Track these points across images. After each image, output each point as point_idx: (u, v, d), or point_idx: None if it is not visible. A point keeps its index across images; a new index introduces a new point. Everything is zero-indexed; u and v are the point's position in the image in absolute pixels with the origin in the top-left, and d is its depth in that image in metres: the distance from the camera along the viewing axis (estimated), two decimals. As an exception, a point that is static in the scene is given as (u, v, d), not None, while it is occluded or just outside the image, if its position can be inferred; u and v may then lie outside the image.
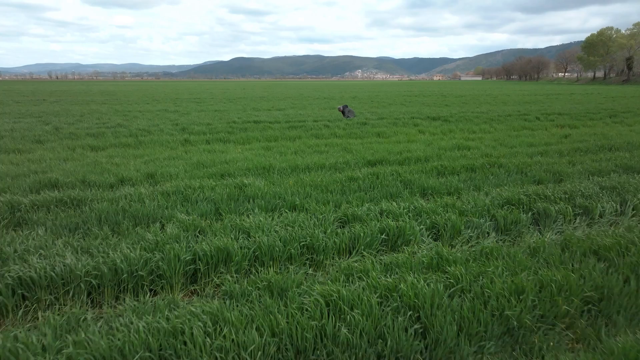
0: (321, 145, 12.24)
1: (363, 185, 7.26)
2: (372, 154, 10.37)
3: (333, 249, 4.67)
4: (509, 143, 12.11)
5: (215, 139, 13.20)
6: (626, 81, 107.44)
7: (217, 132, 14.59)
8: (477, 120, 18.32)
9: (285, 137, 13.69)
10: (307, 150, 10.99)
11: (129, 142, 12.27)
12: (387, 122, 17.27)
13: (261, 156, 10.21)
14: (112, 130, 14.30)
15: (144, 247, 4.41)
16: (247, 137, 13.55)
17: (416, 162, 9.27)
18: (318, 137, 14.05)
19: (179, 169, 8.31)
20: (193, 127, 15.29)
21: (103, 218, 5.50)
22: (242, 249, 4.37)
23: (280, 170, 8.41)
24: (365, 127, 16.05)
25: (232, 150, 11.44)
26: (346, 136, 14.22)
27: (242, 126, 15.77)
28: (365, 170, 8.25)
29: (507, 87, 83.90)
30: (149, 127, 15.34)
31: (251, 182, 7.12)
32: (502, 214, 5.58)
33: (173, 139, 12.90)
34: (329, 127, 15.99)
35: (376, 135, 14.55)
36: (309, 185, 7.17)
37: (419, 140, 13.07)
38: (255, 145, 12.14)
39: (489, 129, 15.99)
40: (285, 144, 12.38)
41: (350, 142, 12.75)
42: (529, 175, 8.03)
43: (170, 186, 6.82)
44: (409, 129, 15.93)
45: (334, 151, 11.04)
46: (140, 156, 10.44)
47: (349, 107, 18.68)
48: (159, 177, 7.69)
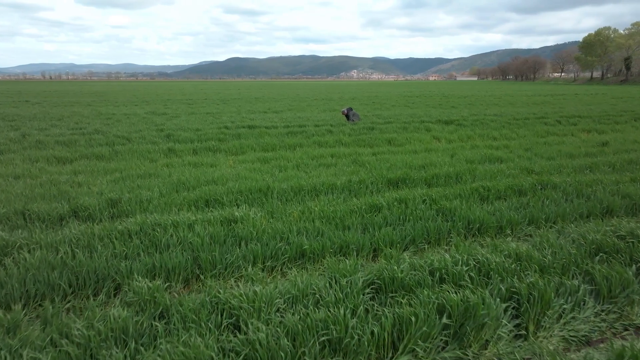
0: (326, 155, 10.55)
1: (390, 217, 5.57)
2: (389, 168, 8.68)
3: (370, 346, 2.97)
4: (544, 153, 10.45)
5: (203, 148, 11.46)
6: (624, 81, 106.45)
7: (206, 139, 12.85)
8: (494, 124, 16.68)
9: (285, 146, 11.98)
10: (311, 164, 9.28)
11: (103, 153, 10.51)
12: (397, 127, 15.59)
13: (257, 172, 8.49)
14: (86, 138, 12.53)
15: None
16: (240, 146, 11.82)
17: (447, 181, 7.58)
18: (322, 145, 12.35)
19: (153, 193, 6.58)
20: (180, 133, 13.53)
21: (28, 281, 3.78)
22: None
23: (280, 193, 6.70)
24: (373, 133, 14.36)
25: (222, 163, 9.72)
26: (354, 144, 12.52)
27: (236, 132, 14.04)
28: (389, 194, 6.54)
29: (507, 87, 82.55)
30: (130, 133, 13.57)
31: (244, 214, 5.41)
32: (601, 271, 3.90)
33: (155, 149, 11.16)
34: (332, 133, 14.29)
35: (387, 142, 12.87)
36: (319, 218, 5.47)
37: (439, 150, 11.40)
38: (250, 156, 10.41)
39: (511, 134, 14.35)
40: (285, 154, 10.66)
41: (359, 151, 11.06)
42: (593, 199, 6.36)
43: (135, 222, 5.08)
44: (422, 134, 14.26)
45: (343, 164, 9.34)
46: (111, 171, 8.70)
47: (353, 110, 17.01)
48: (125, 205, 5.95)
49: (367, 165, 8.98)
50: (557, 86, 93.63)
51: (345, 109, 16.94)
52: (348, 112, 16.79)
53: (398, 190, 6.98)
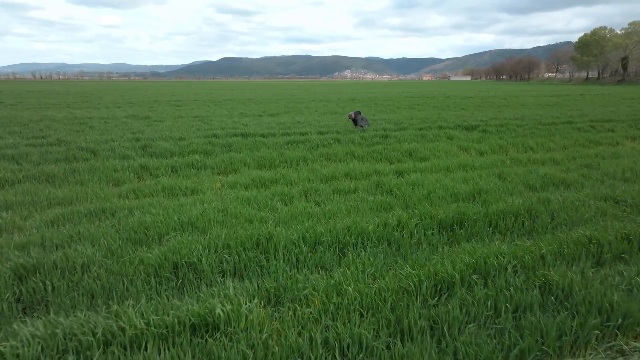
0: (339, 175, 8.36)
1: (471, 306, 3.39)
2: (428, 198, 6.50)
3: None
4: (612, 171, 8.32)
5: (185, 165, 9.23)
6: (621, 81, 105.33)
7: (190, 151, 10.62)
8: (522, 131, 14.58)
9: (286, 161, 9.77)
10: (322, 190, 7.07)
11: (55, 172, 8.25)
12: (413, 134, 13.43)
13: (252, 204, 6.28)
14: (42, 151, 10.26)
15: None
16: (231, 161, 9.60)
17: (519, 222, 5.39)
18: (331, 159, 10.16)
19: (97, 250, 4.35)
20: (159, 144, 11.27)
21: None
22: None
23: (288, 249, 4.49)
24: (388, 142, 12.19)
25: (206, 188, 7.50)
26: (369, 157, 10.35)
27: (226, 141, 11.80)
28: (453, 254, 4.32)
29: (505, 87, 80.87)
30: (99, 144, 11.30)
31: (231, 309, 3.19)
32: None
33: (124, 166, 8.92)
34: (340, 142, 12.10)
35: (408, 155, 10.71)
36: (355, 309, 3.28)
37: (476, 166, 9.26)
38: (243, 177, 8.19)
39: (549, 143, 12.25)
40: (287, 173, 8.46)
41: (380, 169, 8.87)
42: None
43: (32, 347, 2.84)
44: (445, 144, 12.13)
45: (365, 189, 7.15)
46: (55, 203, 6.46)
47: (362, 115, 14.79)
48: (39, 280, 3.72)
49: (397, 193, 6.79)
50: (555, 86, 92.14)
51: (352, 113, 14.76)
52: (356, 117, 14.62)
53: (459, 242, 4.80)
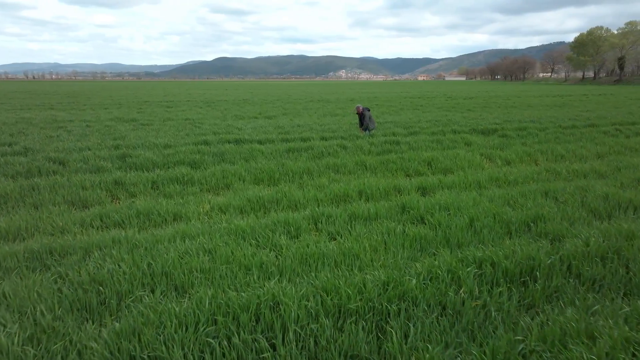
0: (353, 194, 6.95)
1: None
2: (470, 226, 5.12)
3: None
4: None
5: (168, 180, 7.79)
6: (618, 81, 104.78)
7: (176, 162, 9.18)
8: (545, 135, 13.26)
9: (287, 174, 8.36)
10: (336, 215, 5.65)
11: (8, 191, 6.78)
12: (427, 140, 12.05)
13: (247, 238, 4.86)
14: (3, 162, 8.78)
15: None
16: (223, 175, 8.17)
17: (612, 273, 3.99)
18: (339, 171, 8.76)
19: (3, 341, 2.90)
20: (140, 153, 9.81)
21: None
22: None
23: (301, 326, 3.08)
24: (401, 149, 10.82)
25: (191, 212, 6.07)
26: (383, 168, 8.95)
27: (218, 149, 10.37)
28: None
29: (504, 87, 79.87)
30: (71, 152, 9.83)
31: None
32: None
33: (95, 182, 7.47)
34: (347, 150, 10.71)
35: (427, 165, 9.33)
36: None
37: (510, 179, 7.90)
38: (238, 198, 6.75)
39: (580, 150, 10.92)
40: (290, 191, 7.04)
41: (399, 185, 7.47)
42: None
43: None
44: (464, 151, 10.78)
45: (388, 215, 5.74)
46: (-6, 238, 5.01)
47: (370, 112, 13.19)
48: None
49: (431, 221, 5.39)
50: (553, 86, 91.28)
51: (360, 106, 13.18)
52: (363, 112, 13.07)
53: (539, 305, 3.40)
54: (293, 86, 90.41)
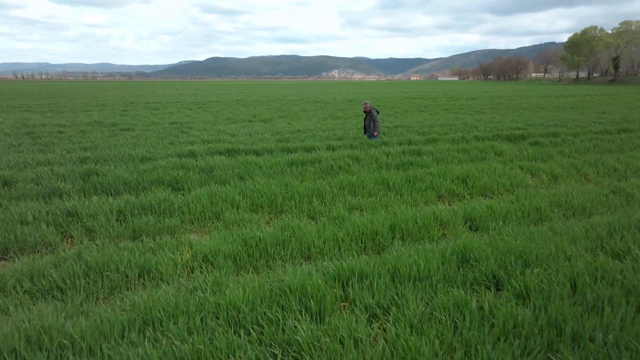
0: (383, 230, 5.22)
1: None
2: (574, 294, 3.41)
3: None
4: None
5: (140, 208, 6.00)
6: (612, 81, 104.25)
7: (153, 181, 7.38)
8: (580, 143, 11.63)
9: (293, 198, 6.59)
10: (370, 274, 3.91)
11: None
12: (452, 150, 10.36)
13: (245, 330, 3.11)
14: None
15: None
16: (211, 200, 6.39)
17: None
18: (357, 192, 7.02)
19: None
20: (110, 168, 8.00)
21: None
22: None
23: None
24: (423, 161, 9.10)
25: (165, 265, 4.30)
26: (409, 187, 7.22)
27: (206, 162, 8.58)
28: None
29: (501, 87, 78.71)
30: (23, 168, 8.00)
31: None
32: None
33: (40, 213, 5.67)
34: (361, 162, 8.97)
35: (461, 182, 7.62)
36: None
37: (579, 207, 6.22)
38: (229, 240, 4.96)
39: (635, 162, 9.28)
40: (300, 226, 5.28)
41: (439, 214, 5.73)
42: None
43: None
44: (497, 163, 9.11)
45: (444, 273, 4.00)
46: None
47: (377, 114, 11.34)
48: None
49: (515, 286, 3.67)
50: (549, 86, 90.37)
51: (368, 104, 11.33)
52: (371, 110, 11.27)
53: None
54: (287, 86, 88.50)
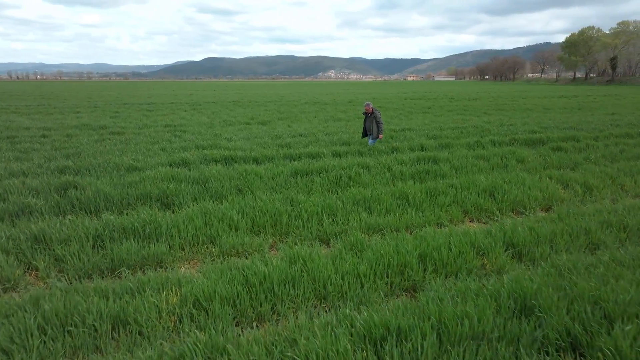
0: (411, 261, 4.33)
1: None
2: None
3: None
4: None
5: (121, 231, 5.08)
6: (610, 81, 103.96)
7: (139, 196, 6.45)
8: (605, 148, 10.78)
9: (300, 217, 5.69)
10: (414, 338, 3.01)
11: None
12: (469, 156, 9.49)
13: None
14: None
15: None
16: (205, 220, 5.48)
17: None
18: (373, 208, 6.12)
19: None
20: (90, 182, 7.08)
21: None
22: None
23: None
24: (441, 169, 8.22)
25: (147, 307, 3.39)
26: (431, 202, 6.33)
27: (200, 173, 7.68)
28: None
29: (500, 88, 78.11)
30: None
31: None
32: None
33: (1, 238, 4.75)
34: (372, 171, 8.08)
35: (489, 196, 6.74)
36: None
37: (634, 227, 5.35)
38: (227, 275, 4.05)
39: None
40: (312, 256, 4.38)
41: (477, 240, 4.83)
42: None
43: None
44: (522, 172, 8.26)
45: (510, 337, 3.11)
46: None
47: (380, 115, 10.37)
48: None
49: (604, 350, 2.79)
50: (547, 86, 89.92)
51: (370, 104, 10.40)
52: (374, 111, 10.36)
53: None
54: (284, 86, 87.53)
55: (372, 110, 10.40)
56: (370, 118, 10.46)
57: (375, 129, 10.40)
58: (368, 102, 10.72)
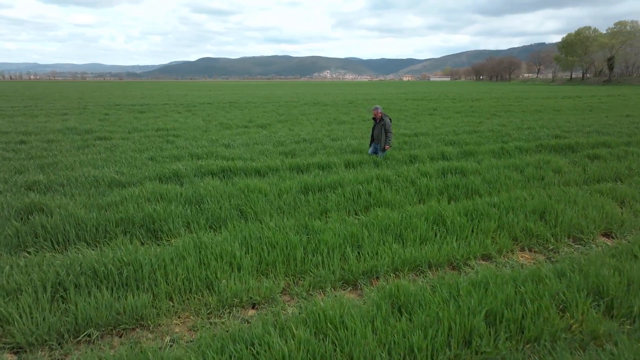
0: (478, 327, 3.20)
1: None
2: None
3: None
4: None
5: (92, 275, 3.93)
6: (607, 82, 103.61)
7: (119, 221, 5.30)
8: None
9: (317, 250, 4.55)
10: None
11: None
12: (500, 166, 8.39)
13: None
14: None
15: None
16: (200, 256, 4.34)
17: None
18: (405, 236, 4.99)
19: None
20: (61, 203, 5.91)
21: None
22: None
23: None
24: (474, 185, 7.11)
25: None
26: (474, 226, 5.23)
27: (194, 190, 6.53)
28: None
29: (497, 88, 77.37)
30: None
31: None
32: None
33: None
34: (393, 186, 6.96)
35: (539, 218, 5.65)
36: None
37: None
38: (229, 352, 2.93)
39: None
40: (351, 328, 3.26)
41: (559, 292, 3.74)
42: None
43: None
44: (566, 185, 7.17)
45: None
46: None
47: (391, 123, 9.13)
48: None
49: None
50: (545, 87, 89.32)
51: (379, 109, 9.15)
52: (383, 117, 9.13)
53: None
54: (280, 86, 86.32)
55: (381, 116, 9.23)
56: (378, 125, 9.24)
57: (383, 138, 9.22)
58: (377, 106, 9.39)
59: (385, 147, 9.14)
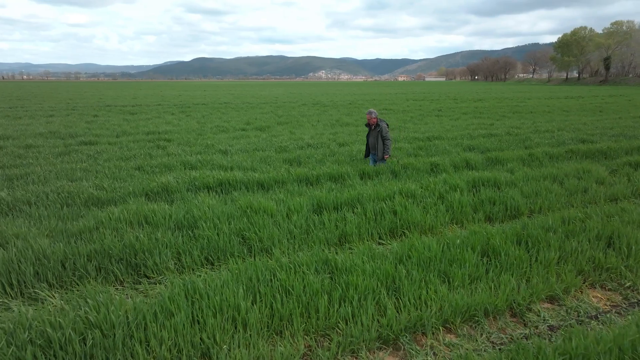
0: None
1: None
2: None
3: None
4: None
5: (45, 346, 2.87)
6: (604, 82, 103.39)
7: (93, 254, 4.24)
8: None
9: (343, 300, 3.50)
10: None
11: None
12: (537, 177, 7.38)
13: None
14: None
15: None
16: (193, 315, 3.28)
17: None
18: (451, 274, 3.94)
19: None
20: (19, 231, 4.83)
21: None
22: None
23: None
24: (511, 199, 6.10)
25: None
26: (531, 259, 4.20)
27: (186, 210, 5.46)
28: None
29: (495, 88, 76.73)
30: None
31: None
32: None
33: None
34: (419, 202, 5.93)
35: (606, 246, 4.66)
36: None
37: None
38: None
39: None
40: None
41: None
42: None
43: None
44: (629, 205, 6.19)
45: None
46: None
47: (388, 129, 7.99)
48: None
49: None
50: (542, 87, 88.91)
51: (374, 114, 7.99)
52: (379, 122, 8.00)
53: None
54: (276, 86, 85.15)
55: (376, 122, 8.09)
56: (374, 132, 8.09)
57: (380, 147, 8.06)
58: (371, 110, 8.20)
59: (385, 157, 8.07)
